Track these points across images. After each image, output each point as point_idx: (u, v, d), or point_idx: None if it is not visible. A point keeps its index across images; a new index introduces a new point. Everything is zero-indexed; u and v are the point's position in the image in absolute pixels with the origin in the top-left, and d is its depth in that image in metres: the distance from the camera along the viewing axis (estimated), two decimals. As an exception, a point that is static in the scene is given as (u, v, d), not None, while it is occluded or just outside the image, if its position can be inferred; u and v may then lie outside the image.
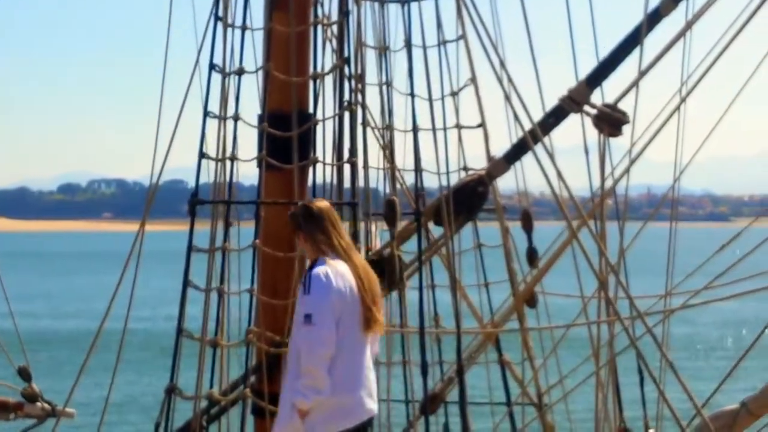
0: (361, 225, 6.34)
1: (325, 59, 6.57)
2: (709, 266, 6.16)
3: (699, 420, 5.25)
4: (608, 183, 6.21)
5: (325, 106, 6.50)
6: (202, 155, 6.35)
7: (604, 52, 6.33)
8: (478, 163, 6.97)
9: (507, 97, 6.06)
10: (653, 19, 5.90)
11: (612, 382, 6.47)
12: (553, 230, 6.62)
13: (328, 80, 6.50)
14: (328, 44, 6.68)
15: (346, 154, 6.38)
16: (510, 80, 6.13)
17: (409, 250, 6.78)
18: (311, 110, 6.52)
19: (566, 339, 7.01)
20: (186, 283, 6.24)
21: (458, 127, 7.18)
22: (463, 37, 6.94)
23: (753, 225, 6.13)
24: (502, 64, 6.10)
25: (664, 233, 6.49)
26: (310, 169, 6.45)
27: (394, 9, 6.90)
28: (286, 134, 6.33)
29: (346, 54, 6.42)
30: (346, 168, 6.40)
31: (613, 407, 6.52)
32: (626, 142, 6.17)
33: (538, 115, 6.40)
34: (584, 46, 6.62)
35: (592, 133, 6.32)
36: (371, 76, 6.92)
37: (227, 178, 6.42)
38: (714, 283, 5.83)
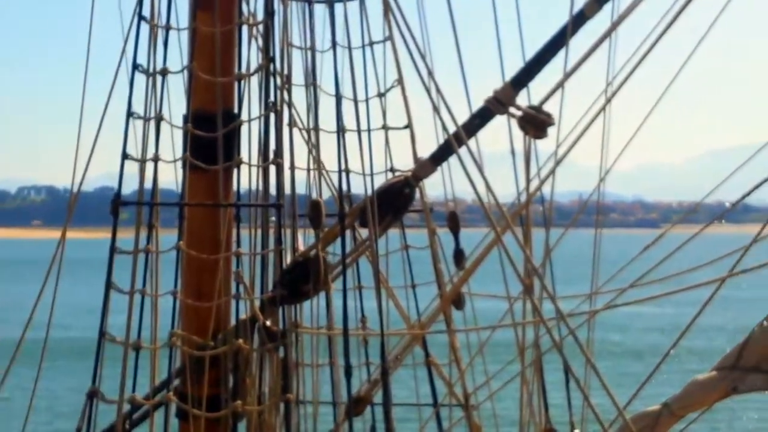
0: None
1: (251, 59, 6.54)
2: (637, 270, 6.20)
3: (622, 421, 5.26)
4: (537, 187, 6.22)
5: (251, 106, 6.47)
6: (125, 156, 6.28)
7: (532, 53, 6.34)
8: (405, 164, 6.96)
9: (431, 99, 6.05)
10: (578, 20, 5.92)
11: (538, 383, 6.49)
12: (484, 237, 6.63)
13: (255, 81, 6.47)
14: (254, 44, 6.64)
15: (272, 156, 6.35)
16: (432, 78, 6.12)
17: (337, 251, 6.76)
18: (237, 111, 6.48)
19: (493, 341, 7.03)
20: (108, 285, 6.18)
21: (385, 128, 7.17)
22: (390, 38, 6.93)
23: (678, 231, 6.17)
24: (427, 66, 6.08)
25: (602, 239, 6.54)
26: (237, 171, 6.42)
27: (321, 9, 6.87)
28: (210, 135, 6.29)
29: (272, 54, 6.39)
30: (273, 170, 6.37)
31: (539, 408, 6.54)
32: (555, 146, 6.19)
33: (465, 117, 6.40)
34: (511, 47, 6.64)
35: (522, 136, 6.33)
36: (298, 76, 6.90)
37: (152, 180, 6.36)
38: (636, 285, 5.86)
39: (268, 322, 6.28)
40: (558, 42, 5.96)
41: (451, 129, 6.02)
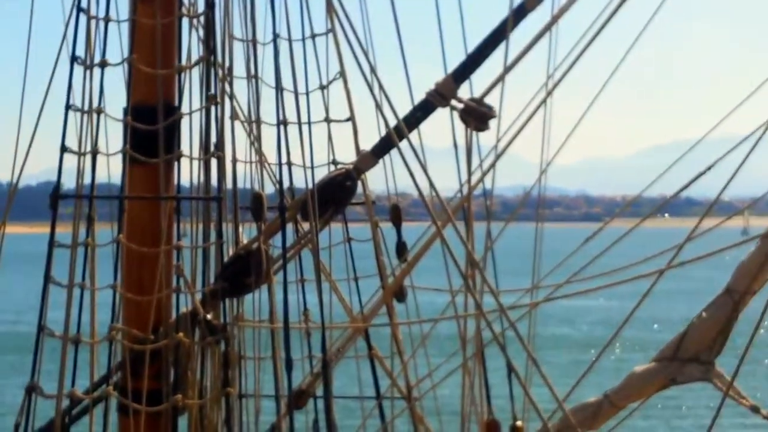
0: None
1: (192, 51, 6.50)
2: (580, 264, 6.23)
3: (562, 413, 5.29)
4: (479, 180, 6.23)
5: (192, 99, 6.44)
6: (64, 149, 6.23)
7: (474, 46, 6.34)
8: (349, 157, 6.96)
9: (372, 91, 6.05)
10: (519, 13, 5.93)
11: (480, 376, 6.51)
12: (425, 230, 6.64)
13: (195, 73, 6.44)
14: (194, 36, 6.60)
15: (213, 149, 6.32)
16: (374, 73, 6.12)
17: (279, 244, 6.73)
18: (177, 103, 6.45)
19: (436, 334, 7.04)
20: (47, 279, 6.12)
21: (327, 120, 7.15)
22: (332, 30, 6.91)
23: (622, 225, 6.21)
24: (369, 61, 6.08)
25: (546, 233, 6.55)
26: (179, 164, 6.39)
27: (262, 1, 6.84)
28: (151, 127, 6.25)
29: (213, 46, 6.35)
30: (214, 162, 6.34)
31: (480, 400, 6.56)
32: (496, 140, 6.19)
33: (407, 110, 6.40)
34: (455, 40, 6.65)
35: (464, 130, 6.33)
36: (239, 68, 6.87)
37: (95, 172, 6.32)
38: (573, 280, 5.89)
39: (209, 316, 6.25)
40: (499, 35, 5.98)
41: (393, 122, 6.01)
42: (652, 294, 5.46)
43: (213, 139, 6.36)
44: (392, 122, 6.08)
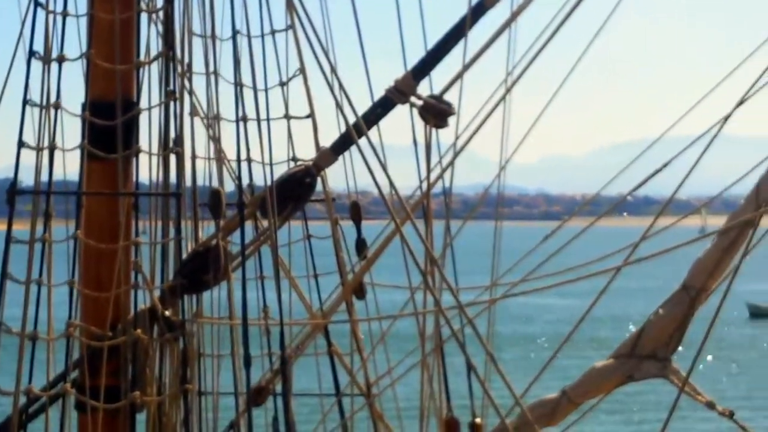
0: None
1: (151, 47, 6.48)
2: (539, 262, 6.25)
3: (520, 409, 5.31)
4: (438, 176, 6.24)
5: (151, 95, 6.41)
6: (21, 144, 6.20)
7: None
8: (309, 154, 6.95)
9: (332, 90, 6.04)
10: (478, 11, 5.94)
11: (439, 373, 6.52)
12: (385, 227, 6.64)
13: (155, 69, 6.42)
14: (154, 32, 6.58)
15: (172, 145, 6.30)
16: (334, 73, 6.12)
17: (239, 241, 6.71)
18: (136, 99, 6.42)
19: (396, 331, 7.05)
20: (4, 275, 6.09)
21: (287, 117, 7.14)
22: (291, 27, 6.90)
23: (581, 223, 6.24)
24: (329, 59, 6.07)
25: (505, 231, 6.57)
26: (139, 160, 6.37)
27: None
28: (109, 123, 6.22)
29: (174, 43, 6.33)
30: (173, 159, 6.33)
31: (440, 397, 6.57)
32: (458, 138, 6.20)
33: (368, 106, 6.40)
34: (415, 36, 6.66)
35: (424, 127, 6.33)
36: (199, 65, 6.84)
37: (52, 168, 6.29)
38: (535, 275, 5.91)
39: (167, 312, 6.23)
40: (458, 32, 5.98)
41: (353, 119, 6.01)
42: (613, 291, 5.49)
43: (172, 135, 6.34)
44: (352, 119, 6.08)
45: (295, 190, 6.41)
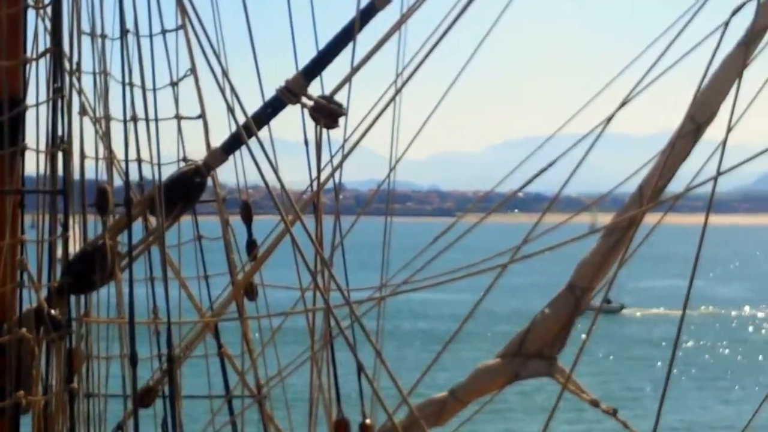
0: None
1: (39, 44, 6.40)
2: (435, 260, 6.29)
3: (408, 408, 5.34)
4: (328, 176, 6.26)
5: (38, 91, 6.33)
6: None
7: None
8: (200, 154, 6.92)
9: (223, 92, 6.02)
10: (368, 12, 5.97)
11: (329, 372, 6.53)
12: (275, 226, 6.64)
13: (42, 66, 6.33)
14: (42, 28, 6.50)
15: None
16: (225, 75, 6.10)
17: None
18: (23, 96, 6.33)
19: (289, 331, 7.05)
20: None
21: (177, 117, 7.11)
22: (182, 26, 6.86)
23: (474, 220, 6.29)
24: (218, 57, 6.04)
25: (398, 227, 6.61)
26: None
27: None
28: (-6, 120, 6.13)
29: (62, 40, 6.26)
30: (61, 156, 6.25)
31: (329, 397, 6.58)
32: (352, 137, 6.23)
33: (258, 105, 6.39)
34: (307, 35, 6.66)
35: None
36: (89, 63, 6.78)
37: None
38: (425, 273, 5.96)
39: (53, 312, 6.16)
40: (348, 33, 6.01)
41: (241, 118, 6.00)
42: (508, 288, 5.53)
43: (60, 132, 6.26)
44: (243, 119, 6.07)
45: (185, 190, 6.38)
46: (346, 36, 6.02)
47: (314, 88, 6.28)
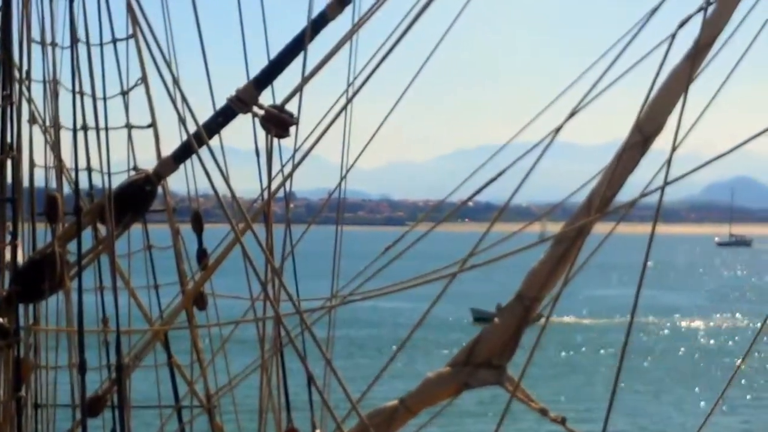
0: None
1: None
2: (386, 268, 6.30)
3: (358, 417, 5.34)
4: (279, 185, 6.25)
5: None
6: None
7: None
8: (151, 163, 6.90)
9: (174, 102, 6.01)
10: (319, 22, 5.98)
11: (279, 382, 6.53)
12: (226, 235, 6.63)
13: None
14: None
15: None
16: (176, 84, 6.09)
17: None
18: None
19: (237, 341, 7.03)
20: None
21: (128, 126, 7.09)
22: (133, 35, 6.85)
23: (426, 229, 6.31)
24: (170, 67, 6.03)
25: (349, 236, 6.62)
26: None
27: (62, 4, 6.73)
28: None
29: (11, 48, 6.22)
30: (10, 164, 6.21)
31: (279, 407, 6.58)
32: (303, 146, 6.23)
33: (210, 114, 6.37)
34: (259, 43, 6.66)
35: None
36: (39, 71, 6.75)
37: None
38: (375, 282, 5.96)
39: (2, 320, 6.12)
40: (299, 43, 6.01)
41: (192, 127, 5.99)
42: (459, 297, 5.54)
43: (9, 140, 6.23)
44: (193, 128, 6.06)
45: (135, 199, 6.36)
46: (297, 45, 6.03)
47: (265, 98, 6.27)
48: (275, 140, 6.14)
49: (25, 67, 6.44)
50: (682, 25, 5.11)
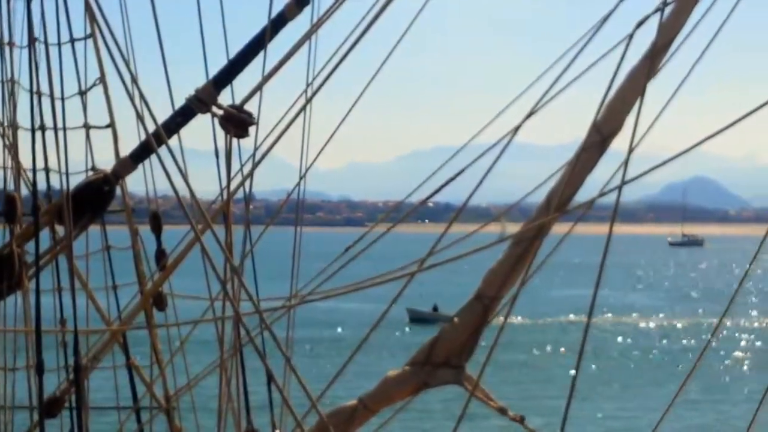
0: None
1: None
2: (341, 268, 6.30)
3: (317, 416, 5.34)
4: (237, 186, 6.24)
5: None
6: None
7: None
8: (109, 163, 6.87)
9: (132, 101, 5.99)
10: (278, 22, 5.97)
11: (238, 382, 6.51)
12: (185, 235, 6.61)
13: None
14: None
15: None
16: (135, 83, 6.07)
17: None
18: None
19: (196, 341, 7.01)
20: None
21: (86, 126, 7.06)
22: (92, 35, 6.83)
23: (384, 230, 6.32)
24: (128, 66, 6.01)
25: (308, 237, 6.61)
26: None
27: (20, 3, 6.70)
28: None
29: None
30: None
31: (238, 407, 6.56)
32: (263, 146, 6.22)
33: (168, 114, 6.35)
34: (218, 43, 6.65)
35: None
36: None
37: None
38: (334, 282, 5.96)
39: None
40: (259, 42, 6.00)
41: (150, 127, 5.97)
42: (417, 297, 5.55)
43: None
44: (152, 128, 6.03)
45: (93, 199, 6.33)
46: (256, 45, 6.02)
47: (225, 97, 6.26)
48: (234, 140, 6.12)
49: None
50: (639, 25, 5.13)
